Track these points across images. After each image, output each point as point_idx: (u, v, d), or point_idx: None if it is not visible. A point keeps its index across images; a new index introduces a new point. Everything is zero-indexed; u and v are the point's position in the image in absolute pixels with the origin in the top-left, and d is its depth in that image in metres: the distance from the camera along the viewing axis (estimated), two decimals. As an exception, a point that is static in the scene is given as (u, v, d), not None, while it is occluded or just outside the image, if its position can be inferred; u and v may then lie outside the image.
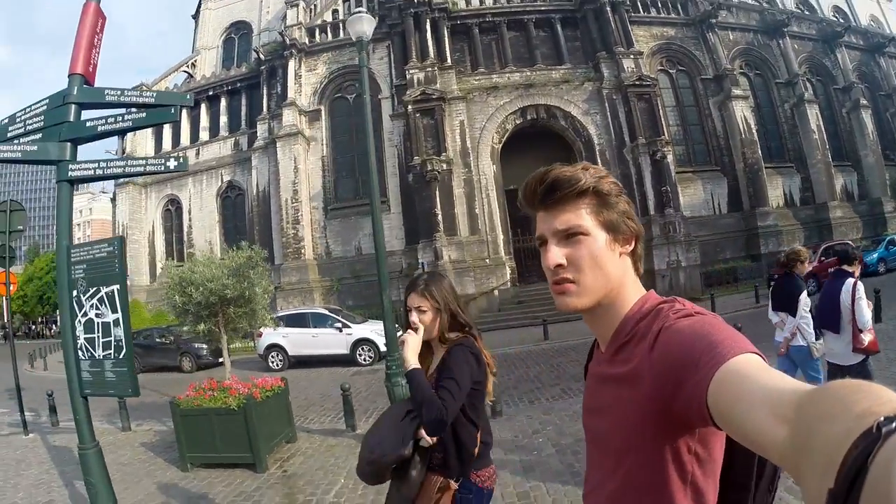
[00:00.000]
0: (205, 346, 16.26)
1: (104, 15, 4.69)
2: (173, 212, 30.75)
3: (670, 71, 26.61)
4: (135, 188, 30.78)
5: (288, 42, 26.14)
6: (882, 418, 0.39)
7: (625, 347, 1.02)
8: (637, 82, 22.54)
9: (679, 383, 0.83)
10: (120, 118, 4.50)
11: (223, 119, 29.96)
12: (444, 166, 21.01)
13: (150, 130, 31.26)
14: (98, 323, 4.16)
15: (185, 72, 35.87)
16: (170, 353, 17.44)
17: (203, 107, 30.38)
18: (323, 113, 25.94)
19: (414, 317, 2.24)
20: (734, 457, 1.02)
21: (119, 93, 4.53)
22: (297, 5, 27.20)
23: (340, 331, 14.71)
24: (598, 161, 22.12)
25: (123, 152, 31.72)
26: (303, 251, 24.42)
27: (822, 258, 18.05)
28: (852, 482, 0.37)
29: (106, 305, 4.14)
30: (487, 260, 21.36)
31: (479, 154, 22.12)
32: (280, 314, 15.60)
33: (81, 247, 4.31)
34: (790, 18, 28.64)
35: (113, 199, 33.28)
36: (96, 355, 4.10)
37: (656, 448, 0.94)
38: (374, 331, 14.48)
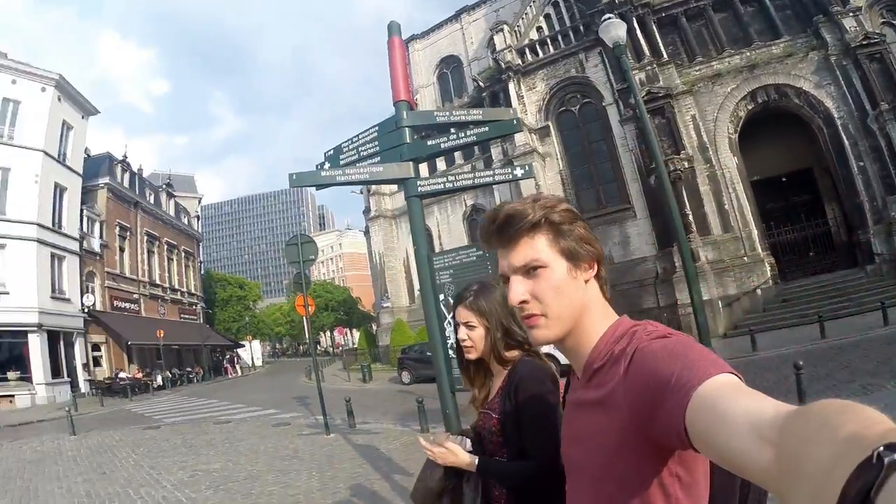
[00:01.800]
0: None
1: (405, 46, 6.14)
2: None
3: (894, 22, 23.21)
4: (385, 220, 36.79)
5: (503, 66, 28.63)
6: (882, 448, 0.40)
7: (599, 372, 1.04)
8: (864, 42, 20.65)
9: (656, 406, 0.84)
10: (462, 134, 4.97)
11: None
12: (686, 164, 21.57)
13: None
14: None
15: (407, 106, 41.42)
16: None
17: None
18: (551, 128, 27.54)
19: (462, 332, 2.04)
20: (714, 479, 1.03)
21: (448, 115, 5.12)
22: (502, 30, 29.36)
23: None
24: (843, 136, 20.98)
25: (369, 190, 38.07)
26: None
27: None
28: None
29: None
30: (745, 258, 21.17)
31: (718, 147, 22.08)
32: None
33: (446, 254, 4.88)
34: None
35: (366, 232, 40.20)
36: None
37: (637, 473, 0.96)
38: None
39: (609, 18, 9.60)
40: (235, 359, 45.89)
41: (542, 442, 1.77)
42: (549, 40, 28.56)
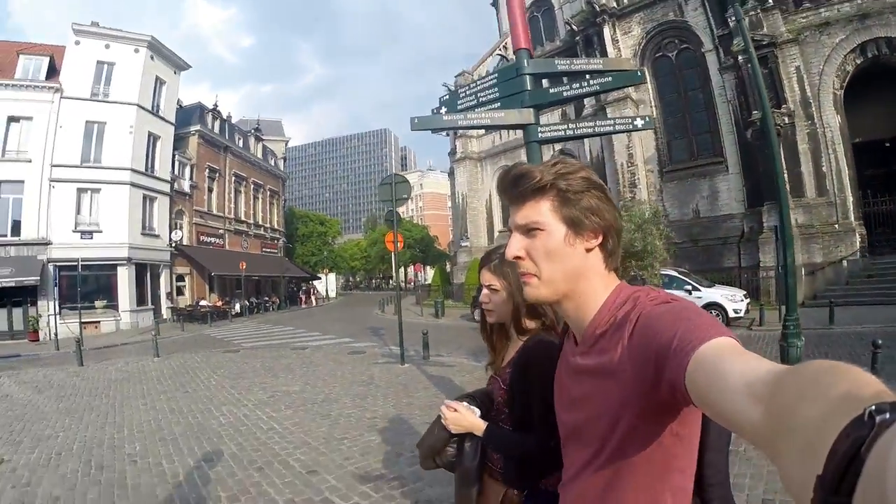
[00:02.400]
0: None
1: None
2: None
3: None
4: (471, 162, 37.50)
5: (598, 9, 27.62)
6: (873, 406, 0.40)
7: (602, 338, 1.07)
8: None
9: (659, 365, 0.88)
10: (585, 83, 5.00)
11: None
12: (786, 119, 20.19)
13: None
14: None
15: (498, 54, 40.66)
16: None
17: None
18: (646, 74, 26.07)
19: (484, 295, 2.04)
20: (707, 419, 1.11)
21: (568, 63, 5.18)
22: (597, -29, 27.90)
23: (690, 293, 15.36)
24: None
25: (455, 133, 38.31)
26: None
27: None
28: (844, 471, 0.39)
29: None
30: (836, 225, 20.05)
31: (821, 103, 20.43)
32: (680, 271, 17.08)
33: None
34: None
35: (451, 174, 41.05)
36: None
37: (640, 435, 1.01)
38: (723, 295, 15.66)
39: None
40: (312, 290, 48.42)
41: (542, 418, 1.84)
42: (647, -19, 27.02)
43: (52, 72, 26.74)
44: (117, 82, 27.89)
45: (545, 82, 5.73)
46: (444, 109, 5.45)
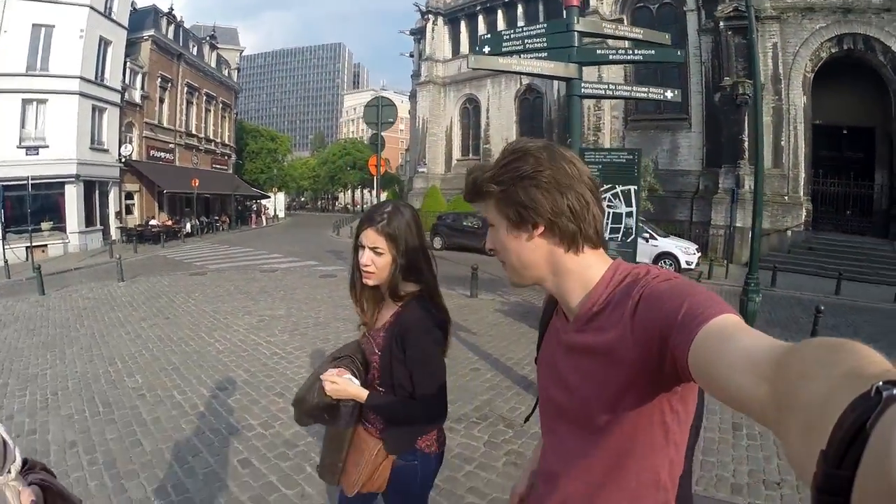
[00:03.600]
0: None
1: None
2: (471, 110, 37.38)
3: None
4: (434, 87, 37.82)
5: (587, -59, 27.46)
6: (881, 382, 0.40)
7: (599, 316, 1.09)
8: None
9: (664, 342, 0.90)
10: (631, 51, 5.70)
11: (520, 24, 33.43)
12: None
13: (447, 34, 37.96)
14: (609, 213, 5.98)
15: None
16: (476, 237, 21.28)
17: (500, 12, 35.17)
18: (625, 22, 26.21)
19: (367, 257, 1.93)
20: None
21: (614, 27, 5.96)
22: (585, -90, 27.82)
23: (647, 241, 16.80)
24: None
25: (421, 55, 38.94)
26: None
27: None
28: (848, 445, 0.39)
29: (620, 200, 5.87)
30: (786, 197, 21.77)
31: (791, 82, 21.77)
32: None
33: (598, 151, 5.91)
34: None
35: (412, 96, 41.24)
36: (622, 230, 6.17)
37: (641, 412, 1.04)
38: (677, 247, 17.55)
39: None
40: (262, 209, 48.29)
41: (430, 387, 1.95)
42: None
43: (-3, -32, 24.41)
44: (68, -22, 25.76)
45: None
46: (486, 48, 5.92)
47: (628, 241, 6.05)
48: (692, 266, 17.49)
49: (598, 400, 1.08)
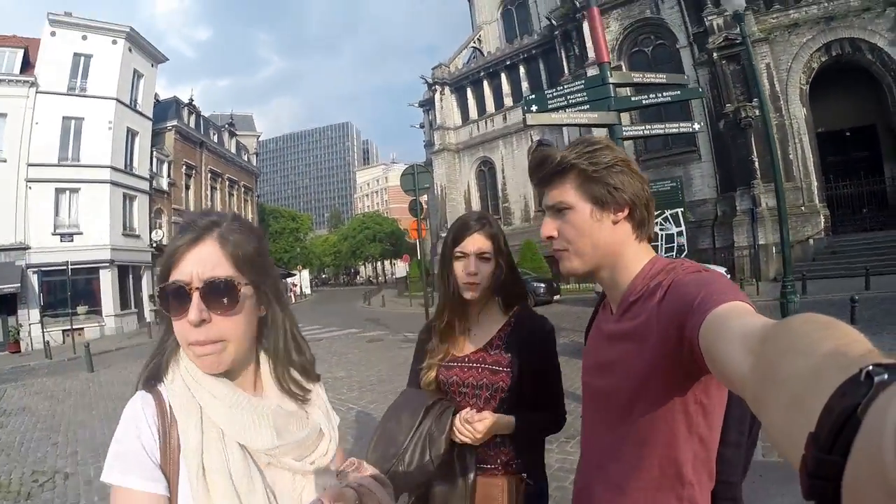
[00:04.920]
0: (543, 285, 22.25)
1: (600, 13, 7.08)
2: (486, 172, 39.30)
3: None
4: (449, 154, 39.78)
5: (578, 5, 29.55)
6: (871, 366, 0.40)
7: (634, 305, 1.17)
8: None
9: (681, 326, 0.96)
10: (659, 95, 6.44)
11: (524, 84, 36.20)
12: (757, 112, 22.41)
13: (454, 102, 40.06)
14: (662, 234, 6.95)
15: (472, 47, 42.89)
16: None
17: (503, 75, 37.22)
18: (623, 68, 27.62)
19: (473, 265, 1.81)
20: (729, 412, 1.18)
21: (641, 75, 6.80)
22: (578, -32, 29.99)
23: None
24: None
25: (431, 124, 41.55)
26: None
27: None
28: (839, 430, 0.38)
29: (670, 222, 6.81)
30: (803, 207, 22.60)
31: (789, 97, 23.04)
32: None
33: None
34: None
35: (428, 165, 42.78)
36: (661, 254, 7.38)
37: (664, 399, 1.08)
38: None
39: None
40: (291, 287, 49.76)
41: (560, 392, 1.93)
42: (626, -21, 29.15)
43: (27, 65, 26.49)
44: (95, 75, 27.87)
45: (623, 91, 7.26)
46: (534, 108, 6.65)
47: (682, 256, 6.66)
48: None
49: (626, 384, 1.15)
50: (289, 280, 52.02)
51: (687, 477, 1.14)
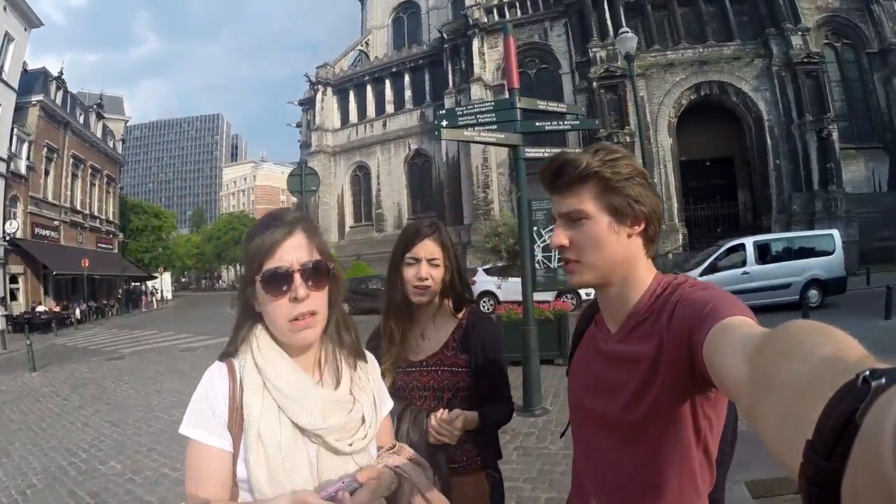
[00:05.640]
0: None
1: (513, 39, 7.79)
2: (361, 177, 39.71)
3: (835, 45, 28.76)
4: (325, 156, 39.82)
5: (471, 22, 31.49)
6: (868, 372, 0.39)
7: (642, 325, 1.16)
8: (805, 60, 25.73)
9: (689, 342, 0.98)
10: (561, 122, 7.31)
11: (407, 93, 37.21)
12: (628, 139, 25.54)
13: (335, 104, 40.11)
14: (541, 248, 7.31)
15: (360, 50, 43.26)
16: (379, 298, 22.47)
17: (388, 82, 37.97)
18: (506, 88, 30.33)
19: (424, 270, 1.88)
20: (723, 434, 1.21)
21: (545, 104, 7.44)
22: (475, -14, 31.83)
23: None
24: (767, 137, 26.08)
25: (310, 125, 40.88)
26: (492, 212, 29.85)
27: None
28: (837, 436, 0.38)
29: None
30: (664, 225, 25.31)
31: (658, 127, 26.24)
32: (487, 267, 20.25)
33: (542, 200, 6.90)
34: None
35: (304, 165, 42.55)
36: (551, 265, 7.35)
37: (679, 418, 1.09)
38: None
39: (626, 32, 12.87)
40: (152, 291, 46.77)
41: (507, 385, 2.05)
42: (517, 3, 31.54)
43: None
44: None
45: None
46: (444, 122, 7.26)
47: (557, 267, 7.31)
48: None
49: (635, 406, 1.13)
50: (149, 283, 48.87)
51: (701, 489, 1.17)
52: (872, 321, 11.15)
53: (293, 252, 1.22)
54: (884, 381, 0.38)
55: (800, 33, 26.32)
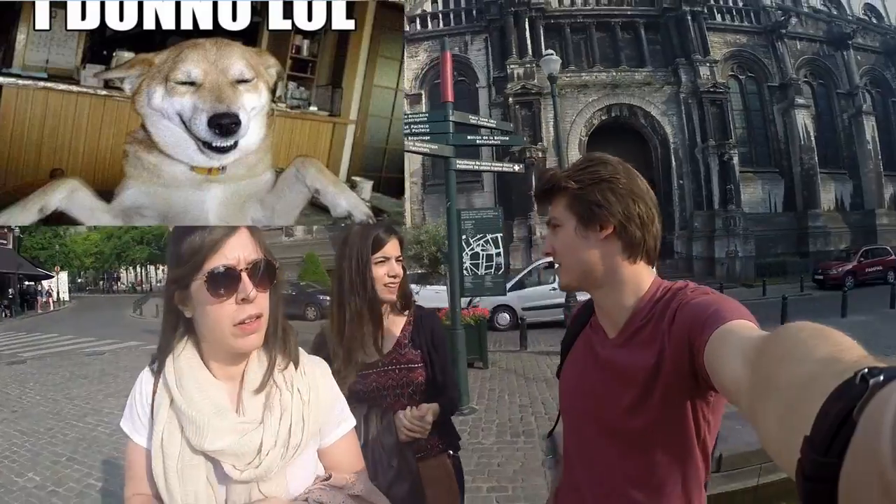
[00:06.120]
0: (328, 297, 22.54)
1: (451, 55, 7.70)
2: None
3: (740, 77, 31.63)
4: None
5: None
6: (866, 370, 0.40)
7: (642, 330, 1.17)
8: (711, 89, 27.88)
9: (691, 347, 0.99)
10: (491, 139, 7.91)
11: None
12: (540, 154, 26.61)
13: None
14: (483, 254, 7.65)
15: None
16: (296, 303, 20.52)
17: None
18: (423, 97, 30.99)
19: (395, 268, 1.95)
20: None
21: (476, 119, 7.87)
22: (395, -6, 32.53)
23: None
24: (672, 158, 28.11)
25: None
26: (403, 222, 29.79)
27: (861, 259, 23.32)
28: (835, 432, 0.38)
29: (490, 244, 7.52)
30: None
31: (570, 144, 27.08)
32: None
33: (471, 210, 7.79)
34: (855, 31, 32.98)
35: None
36: (479, 272, 7.73)
37: (683, 421, 1.11)
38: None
39: (551, 54, 13.65)
40: (48, 291, 43.68)
41: (454, 373, 2.18)
42: (440, 15, 32.08)
43: None
44: None
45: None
46: None
47: (499, 273, 7.82)
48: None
49: (639, 412, 1.14)
50: (45, 283, 45.64)
51: (701, 481, 1.19)
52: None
53: (239, 250, 1.14)
54: (882, 378, 0.39)
55: (708, 64, 28.51)
